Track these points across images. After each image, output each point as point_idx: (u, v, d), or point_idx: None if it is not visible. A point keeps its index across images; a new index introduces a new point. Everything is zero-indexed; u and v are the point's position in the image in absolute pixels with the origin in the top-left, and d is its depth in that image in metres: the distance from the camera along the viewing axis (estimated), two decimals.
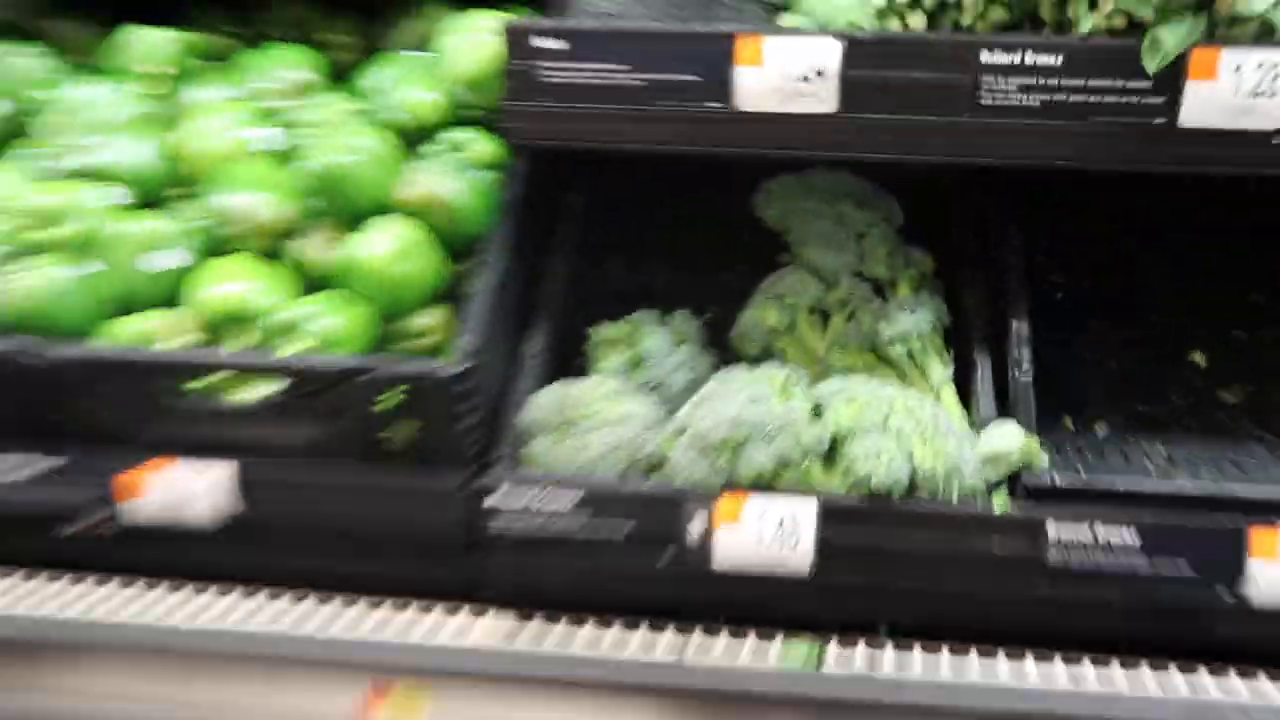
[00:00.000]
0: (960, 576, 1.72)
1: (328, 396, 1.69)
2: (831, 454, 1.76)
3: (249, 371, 1.69)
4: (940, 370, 1.95)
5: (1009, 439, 1.71)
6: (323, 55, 2.26)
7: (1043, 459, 1.72)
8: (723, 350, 2.10)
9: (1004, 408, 1.88)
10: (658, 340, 1.98)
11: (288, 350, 1.74)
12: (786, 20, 1.84)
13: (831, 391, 1.81)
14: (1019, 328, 1.91)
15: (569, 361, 2.07)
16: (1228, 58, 1.69)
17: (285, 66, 2.16)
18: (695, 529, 1.70)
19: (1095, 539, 1.69)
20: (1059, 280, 2.30)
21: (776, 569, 1.72)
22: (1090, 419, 2.08)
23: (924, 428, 1.72)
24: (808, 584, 1.73)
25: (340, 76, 2.22)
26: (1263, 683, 1.74)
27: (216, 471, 1.74)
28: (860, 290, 2.04)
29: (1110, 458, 2.02)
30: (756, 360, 2.01)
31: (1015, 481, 1.74)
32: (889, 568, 1.73)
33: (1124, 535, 1.69)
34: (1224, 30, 1.71)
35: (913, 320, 1.93)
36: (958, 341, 2.00)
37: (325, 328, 1.78)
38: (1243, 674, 1.77)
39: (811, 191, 2.15)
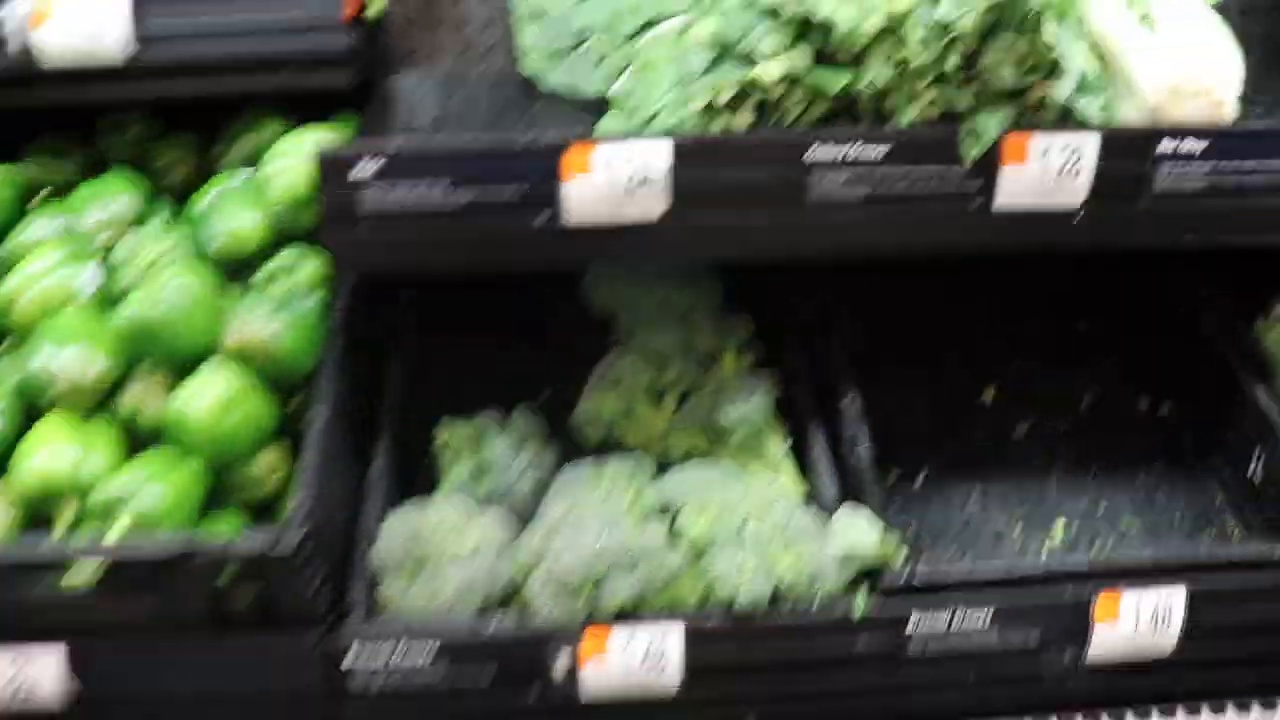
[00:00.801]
0: (825, 677, 1.41)
1: (155, 579, 1.25)
2: (693, 564, 1.39)
3: (66, 562, 1.23)
4: (778, 447, 1.61)
5: (863, 536, 1.38)
6: (160, 177, 1.82)
7: (899, 555, 1.38)
8: (566, 433, 1.69)
9: (842, 477, 1.54)
10: (501, 446, 1.59)
11: (111, 532, 1.29)
12: (609, 120, 1.44)
13: (681, 491, 1.45)
14: (851, 401, 1.58)
15: (419, 466, 1.67)
16: (1037, 142, 1.37)
17: (113, 197, 1.70)
18: (560, 666, 1.34)
19: (953, 626, 1.37)
20: (861, 326, 1.96)
21: (645, 693, 1.35)
22: (910, 468, 1.75)
23: (780, 533, 1.38)
24: (677, 702, 1.36)
25: (181, 197, 1.76)
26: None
27: (46, 657, 1.28)
28: (692, 369, 1.68)
29: (934, 506, 1.70)
30: (600, 447, 1.66)
31: (873, 575, 1.40)
32: (756, 679, 1.40)
33: (980, 618, 1.37)
34: (1029, 116, 1.38)
35: (748, 406, 1.59)
36: (790, 411, 1.65)
37: (148, 502, 1.35)
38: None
39: (636, 276, 1.76)
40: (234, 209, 1.64)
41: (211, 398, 1.43)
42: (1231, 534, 1.70)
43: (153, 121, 1.88)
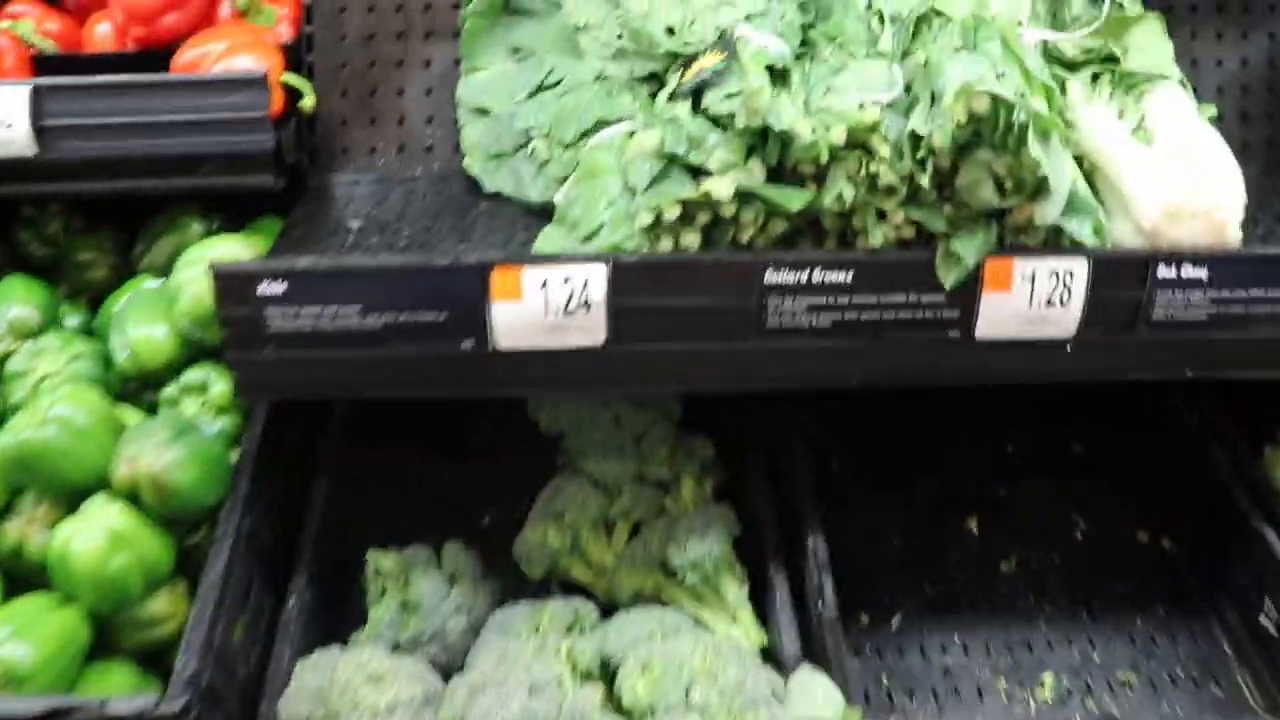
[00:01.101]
0: None
1: None
2: None
3: None
4: (735, 590, 1.44)
5: (822, 708, 1.20)
6: (79, 274, 1.70)
7: None
8: (508, 563, 1.53)
9: (805, 629, 1.38)
10: (430, 584, 1.42)
11: None
12: (548, 235, 1.29)
13: (623, 644, 1.28)
14: (815, 546, 1.42)
15: (348, 596, 1.51)
16: (1021, 267, 1.22)
17: (11, 304, 1.56)
18: None
19: None
20: (830, 449, 1.81)
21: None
22: (883, 610, 1.59)
23: (730, 699, 1.20)
24: None
25: (100, 296, 1.63)
26: None
27: None
28: (644, 499, 1.52)
29: (909, 655, 1.53)
30: (543, 582, 1.52)
31: None
32: None
33: None
34: (1012, 239, 1.23)
35: (704, 546, 1.42)
36: (751, 548, 1.49)
37: (17, 655, 1.17)
38: None
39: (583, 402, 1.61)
40: (145, 317, 1.49)
41: (97, 536, 1.27)
42: (1245, 690, 1.52)
43: (73, 217, 1.74)
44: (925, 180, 1.19)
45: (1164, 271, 1.29)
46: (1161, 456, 1.78)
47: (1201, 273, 1.30)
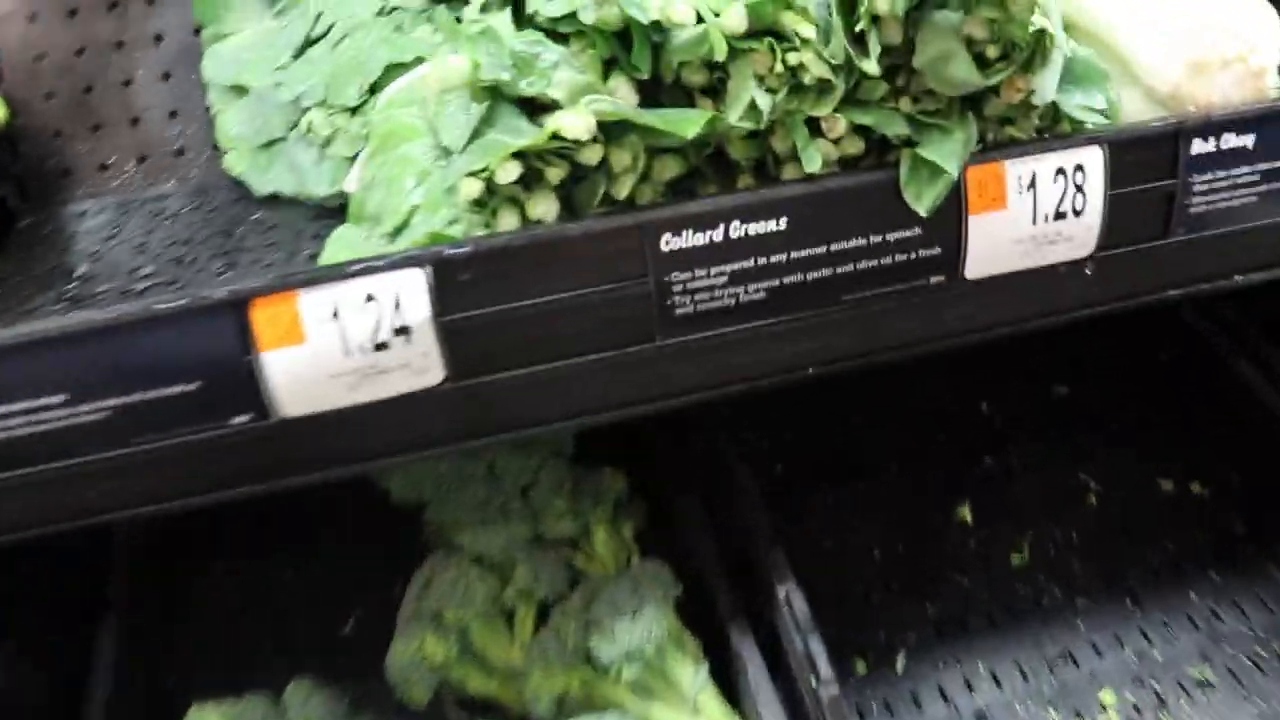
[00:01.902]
0: None
1: None
2: None
3: None
4: (691, 673, 1.04)
5: None
6: None
7: None
8: (378, 684, 1.11)
9: (791, 704, 0.99)
10: None
11: None
12: (337, 240, 0.87)
13: None
14: (788, 596, 1.02)
15: None
16: (1015, 171, 0.84)
17: None
18: None
19: None
20: (767, 448, 1.42)
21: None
22: (881, 649, 1.20)
23: None
24: None
25: None
26: None
27: None
28: (548, 570, 1.12)
29: (928, 704, 1.15)
30: (433, 705, 1.09)
31: None
32: None
33: None
34: (996, 135, 0.84)
35: (639, 628, 1.02)
36: (695, 604, 1.09)
37: None
38: None
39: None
40: None
41: None
42: None
43: None
44: (871, 65, 0.79)
45: (1199, 146, 0.92)
46: (1172, 384, 1.43)
47: (1247, 140, 0.93)
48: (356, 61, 1.00)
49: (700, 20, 0.78)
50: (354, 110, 1.00)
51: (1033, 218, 0.89)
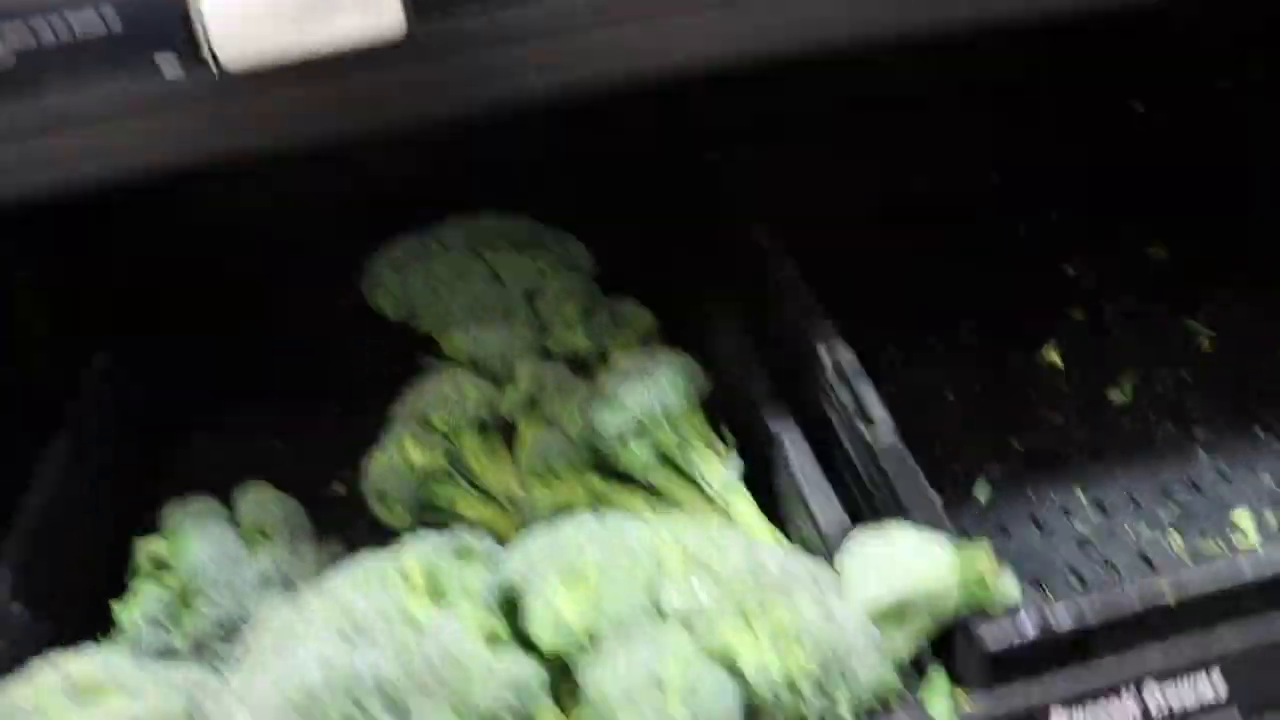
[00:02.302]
0: None
1: None
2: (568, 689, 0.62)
3: None
4: (719, 467, 0.84)
5: (920, 561, 0.60)
6: None
7: (1008, 582, 0.62)
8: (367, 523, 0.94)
9: (844, 497, 0.79)
10: (210, 548, 0.81)
11: None
12: None
13: (532, 562, 0.68)
14: (836, 354, 0.82)
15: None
16: None
17: None
18: None
19: (1155, 713, 0.60)
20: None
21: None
22: (961, 482, 1.00)
23: (741, 589, 0.60)
24: None
25: None
26: None
27: None
28: (553, 378, 0.92)
29: (1019, 532, 0.94)
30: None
31: (952, 645, 0.63)
32: None
33: (1206, 687, 0.61)
34: None
35: (649, 392, 0.82)
36: (730, 414, 0.90)
37: None
38: None
39: (445, 251, 1.03)
40: None
41: None
42: None
43: None
44: None
45: None
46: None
47: None
48: None
49: None
50: None
51: None
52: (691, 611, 0.64)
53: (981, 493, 1.00)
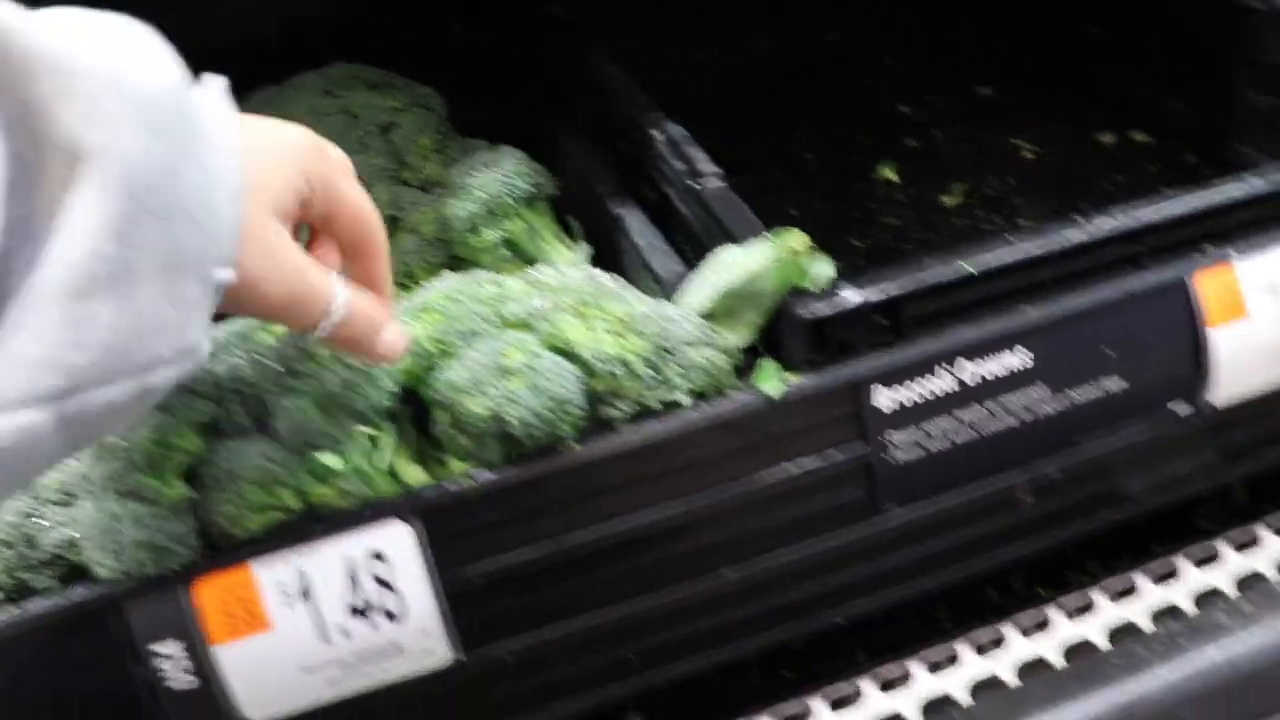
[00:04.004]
0: (712, 550, 0.66)
1: None
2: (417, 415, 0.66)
3: None
4: (567, 254, 0.89)
5: (744, 257, 0.66)
6: None
7: (822, 263, 0.67)
8: None
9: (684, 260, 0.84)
10: None
11: None
12: None
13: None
14: (668, 131, 0.87)
15: None
16: None
17: None
18: (168, 657, 0.56)
19: (969, 384, 0.65)
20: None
21: (380, 668, 0.59)
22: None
23: (572, 295, 0.64)
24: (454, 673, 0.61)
25: None
26: None
27: None
28: (409, 196, 0.95)
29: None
30: None
31: (778, 334, 0.68)
32: (599, 574, 0.63)
33: (1018, 359, 0.66)
34: None
35: (496, 179, 0.86)
36: (580, 217, 0.94)
37: None
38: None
39: (306, 96, 1.05)
40: None
41: None
42: None
43: None
44: None
45: None
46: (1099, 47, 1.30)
47: None
48: None
49: None
50: None
51: None
52: (532, 315, 0.67)
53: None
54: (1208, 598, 0.79)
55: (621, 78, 1.00)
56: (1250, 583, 0.80)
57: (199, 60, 0.85)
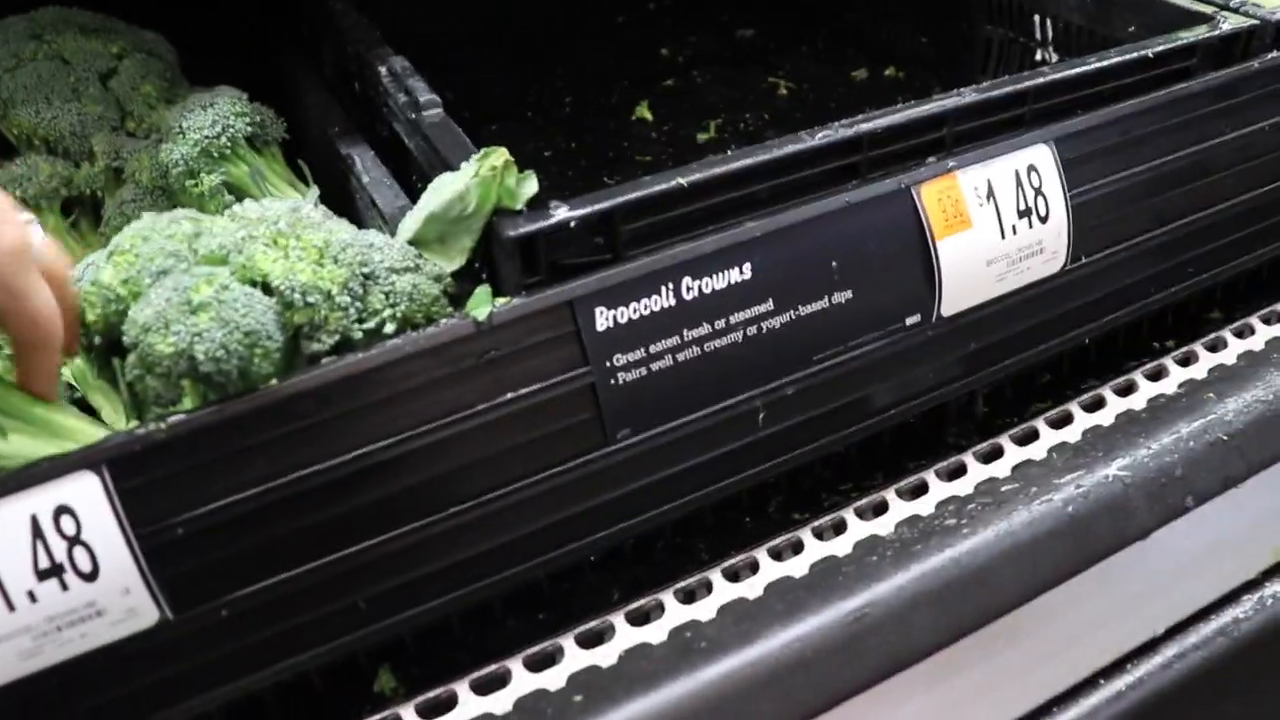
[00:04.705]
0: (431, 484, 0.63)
1: None
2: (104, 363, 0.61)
3: None
4: (297, 197, 0.83)
5: (449, 180, 0.63)
6: None
7: (527, 179, 0.64)
8: None
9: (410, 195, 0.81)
10: None
11: None
12: None
13: (84, 265, 0.66)
14: (391, 64, 0.83)
15: None
16: None
17: None
18: None
19: (691, 302, 0.64)
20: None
21: (79, 633, 0.55)
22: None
23: (270, 227, 0.60)
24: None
25: None
26: None
27: None
28: (131, 145, 0.89)
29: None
30: None
31: (492, 260, 0.65)
32: (314, 516, 0.60)
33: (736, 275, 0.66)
34: None
35: (211, 120, 0.80)
36: (314, 159, 0.90)
37: None
38: None
39: (8, 41, 0.97)
40: None
41: None
42: None
43: None
44: None
45: None
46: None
47: None
48: None
49: None
50: None
51: None
52: (225, 248, 0.63)
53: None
54: (944, 503, 0.81)
55: (354, 16, 0.96)
56: (985, 487, 0.82)
57: None
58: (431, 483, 0.65)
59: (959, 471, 0.85)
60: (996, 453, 0.86)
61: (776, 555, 0.79)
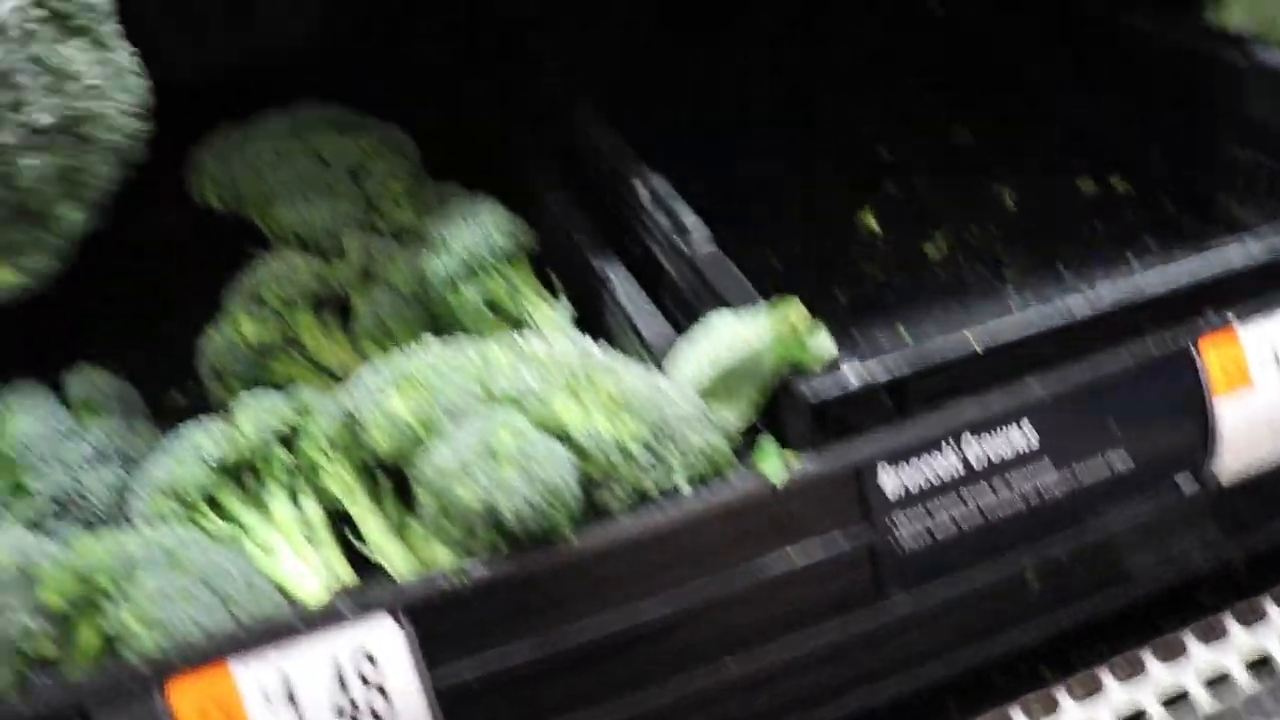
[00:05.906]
0: (714, 639, 0.61)
1: None
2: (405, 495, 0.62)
3: None
4: (549, 312, 0.85)
5: (740, 330, 0.62)
6: None
7: (823, 339, 0.63)
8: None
9: (671, 320, 0.80)
10: (37, 424, 0.77)
11: None
12: None
13: (365, 389, 0.67)
14: (651, 183, 0.83)
15: None
16: None
17: None
18: None
19: (974, 464, 0.62)
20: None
21: None
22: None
23: (563, 371, 0.60)
24: None
25: None
26: None
27: None
28: (381, 245, 0.90)
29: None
30: None
31: (776, 411, 0.64)
32: (599, 669, 0.59)
33: (1020, 436, 0.63)
34: None
35: (475, 233, 0.82)
36: (560, 270, 0.90)
37: None
38: None
39: (271, 137, 1.00)
40: None
41: None
42: None
43: None
44: None
45: None
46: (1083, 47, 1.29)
47: None
48: None
49: None
50: None
51: None
52: (521, 392, 0.63)
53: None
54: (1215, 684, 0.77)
55: (601, 124, 0.97)
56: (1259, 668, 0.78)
57: (160, 97, 0.81)
58: (710, 638, 0.64)
59: (1219, 635, 0.81)
60: (1259, 615, 0.82)
61: (1031, 715, 0.76)
